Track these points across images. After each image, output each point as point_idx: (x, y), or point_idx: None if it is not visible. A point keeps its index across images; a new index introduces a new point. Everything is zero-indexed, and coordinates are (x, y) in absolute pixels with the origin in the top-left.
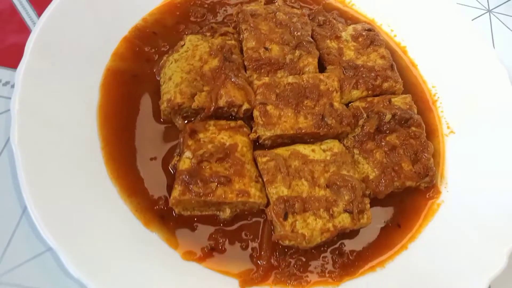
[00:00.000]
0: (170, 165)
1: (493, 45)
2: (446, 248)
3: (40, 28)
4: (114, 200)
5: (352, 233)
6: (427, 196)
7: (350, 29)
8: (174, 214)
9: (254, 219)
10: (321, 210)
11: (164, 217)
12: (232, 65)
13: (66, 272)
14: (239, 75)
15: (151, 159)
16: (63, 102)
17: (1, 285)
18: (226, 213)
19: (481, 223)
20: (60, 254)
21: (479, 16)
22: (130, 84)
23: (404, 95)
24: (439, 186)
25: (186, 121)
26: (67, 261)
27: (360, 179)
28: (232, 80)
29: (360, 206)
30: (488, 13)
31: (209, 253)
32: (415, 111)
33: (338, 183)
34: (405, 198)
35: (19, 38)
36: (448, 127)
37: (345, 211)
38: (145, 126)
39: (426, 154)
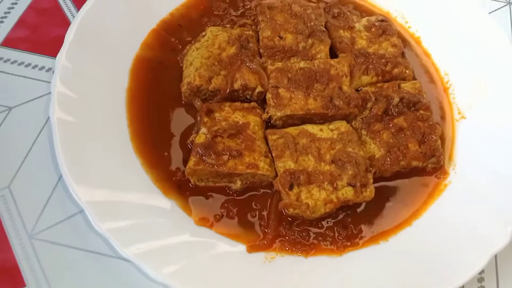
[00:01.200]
0: (188, 141)
1: None
2: (450, 226)
3: (79, 21)
4: (137, 171)
5: (356, 208)
6: (434, 177)
7: (364, 20)
8: (190, 185)
9: (263, 191)
10: (326, 183)
11: (181, 187)
12: (248, 52)
13: (93, 230)
14: (254, 60)
15: (171, 136)
16: (96, 84)
17: (37, 241)
18: (237, 184)
19: (487, 203)
20: (88, 212)
21: (498, 9)
22: (156, 70)
23: (413, 81)
24: (447, 168)
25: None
26: (93, 218)
27: (366, 157)
28: (247, 64)
29: (363, 180)
30: (508, 6)
31: (221, 220)
32: (424, 96)
33: (343, 159)
34: (412, 178)
35: (62, 31)
36: (459, 113)
37: (349, 184)
38: (168, 107)
39: (433, 136)
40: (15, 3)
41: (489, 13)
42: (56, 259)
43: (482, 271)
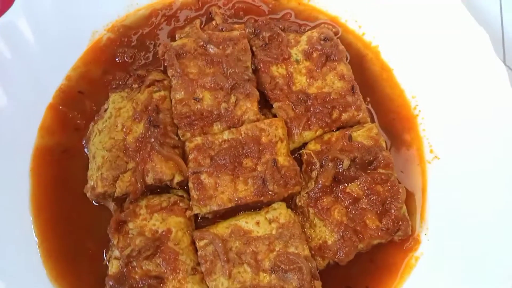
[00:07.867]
0: (106, 258)
1: (501, 14)
2: None
3: None
4: None
5: None
6: (404, 249)
7: (303, 40)
8: None
9: None
10: None
11: None
12: (157, 132)
13: None
14: (166, 141)
15: (89, 250)
16: None
17: None
18: None
19: (466, 277)
20: None
21: None
22: (61, 162)
23: (368, 125)
24: (419, 233)
25: (120, 203)
26: None
27: (314, 250)
28: (157, 149)
29: None
30: None
31: None
32: (384, 144)
33: (284, 267)
34: (377, 256)
35: None
36: (431, 151)
37: None
38: (81, 211)
39: (396, 203)
40: None
41: None
42: None
43: None
